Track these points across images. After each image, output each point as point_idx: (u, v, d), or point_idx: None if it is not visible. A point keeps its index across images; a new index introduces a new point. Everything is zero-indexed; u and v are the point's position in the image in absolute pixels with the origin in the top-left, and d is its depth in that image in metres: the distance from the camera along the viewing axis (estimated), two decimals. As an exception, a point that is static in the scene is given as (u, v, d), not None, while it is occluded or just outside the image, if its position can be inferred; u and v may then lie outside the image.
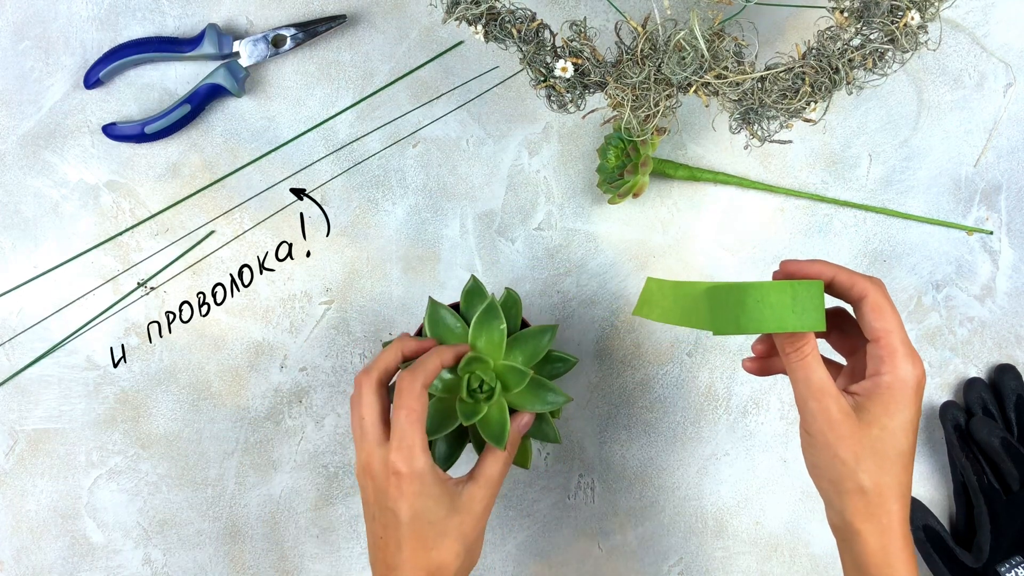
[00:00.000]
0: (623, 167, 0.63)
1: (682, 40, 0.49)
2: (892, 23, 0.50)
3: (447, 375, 0.56)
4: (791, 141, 0.56)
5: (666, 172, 0.65)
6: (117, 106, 0.66)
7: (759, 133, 0.52)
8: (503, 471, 0.53)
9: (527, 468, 0.58)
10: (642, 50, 0.50)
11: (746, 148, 0.64)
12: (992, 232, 0.67)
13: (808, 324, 0.45)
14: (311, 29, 0.64)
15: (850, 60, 0.50)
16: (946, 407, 0.66)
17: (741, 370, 0.67)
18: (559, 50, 0.52)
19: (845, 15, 0.50)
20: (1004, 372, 0.66)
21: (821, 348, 0.48)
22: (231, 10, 0.66)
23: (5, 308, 0.66)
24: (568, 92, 0.53)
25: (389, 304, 0.66)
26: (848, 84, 0.51)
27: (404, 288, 0.66)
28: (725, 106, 0.52)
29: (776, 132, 0.52)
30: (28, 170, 0.66)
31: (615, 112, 0.53)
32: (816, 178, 0.67)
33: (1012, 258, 0.67)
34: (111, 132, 0.65)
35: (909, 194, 0.67)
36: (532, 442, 0.61)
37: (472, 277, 0.57)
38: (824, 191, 0.67)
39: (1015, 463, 0.62)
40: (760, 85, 0.51)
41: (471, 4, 0.51)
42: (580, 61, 0.51)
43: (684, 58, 0.50)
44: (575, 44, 0.52)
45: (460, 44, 0.66)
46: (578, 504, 0.67)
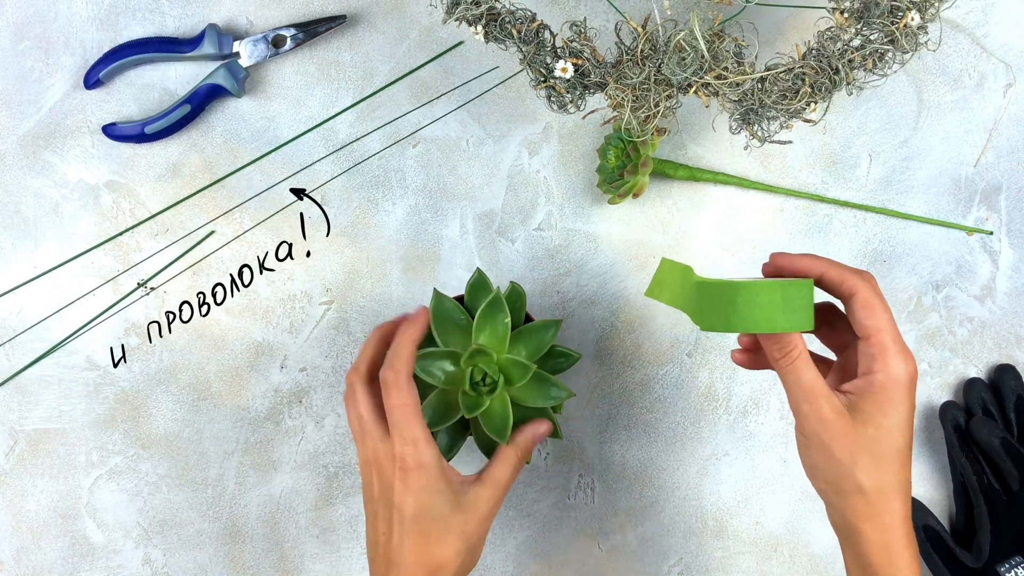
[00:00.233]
0: (623, 167, 0.63)
1: (682, 41, 0.49)
2: (892, 23, 0.50)
3: (451, 368, 0.56)
4: (791, 141, 0.57)
5: (666, 172, 0.65)
6: (117, 106, 0.66)
7: (759, 133, 0.52)
8: (512, 475, 0.52)
9: (528, 463, 0.58)
10: (642, 51, 0.50)
11: (746, 148, 0.64)
12: (992, 232, 0.67)
13: (797, 324, 0.45)
14: (311, 29, 0.64)
15: (850, 60, 0.50)
16: (946, 407, 0.66)
17: (741, 370, 0.67)
18: (559, 50, 0.52)
19: (845, 15, 0.50)
20: (1004, 372, 0.66)
21: (809, 343, 0.48)
22: (231, 10, 0.66)
23: (5, 308, 0.66)
24: (568, 92, 0.53)
25: (389, 304, 0.66)
26: (848, 84, 0.51)
27: (404, 288, 0.66)
28: (725, 106, 0.52)
29: (776, 132, 0.52)
30: (28, 170, 0.66)
31: (615, 112, 0.53)
32: (816, 178, 0.67)
33: (1012, 258, 0.67)
34: (111, 132, 0.65)
35: (909, 194, 0.67)
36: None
37: (477, 270, 0.57)
38: (824, 191, 0.67)
39: (1015, 463, 0.63)
40: (760, 86, 0.51)
41: (471, 4, 0.51)
42: (580, 61, 0.51)
43: (684, 59, 0.50)
44: (575, 44, 0.52)
45: (460, 44, 0.66)
46: (578, 504, 0.67)
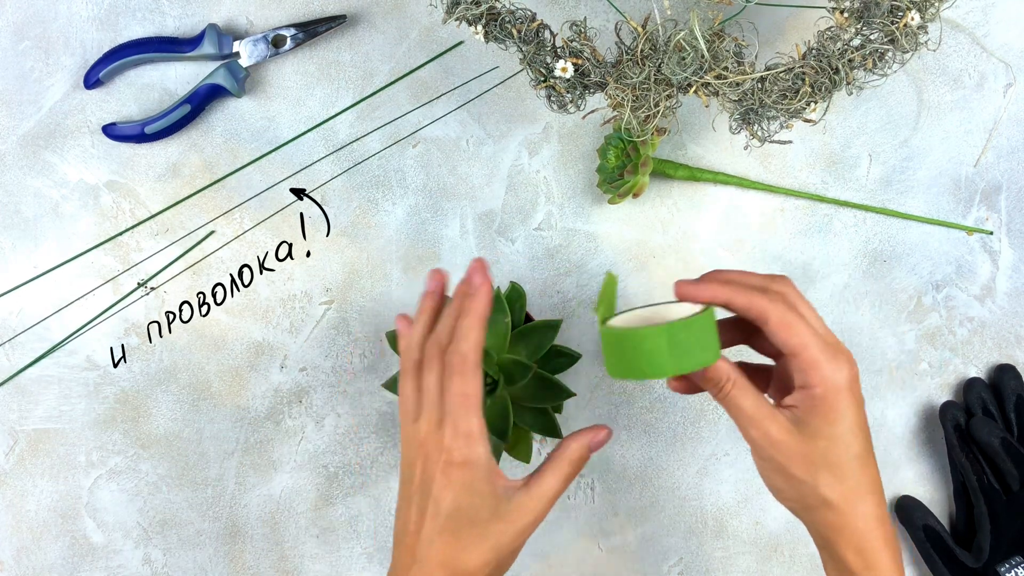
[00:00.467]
0: (623, 167, 0.63)
1: (682, 40, 0.49)
2: (892, 23, 0.50)
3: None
4: (791, 141, 0.57)
5: (666, 172, 0.65)
6: (117, 106, 0.66)
7: (759, 133, 0.52)
8: (562, 488, 0.47)
9: (527, 463, 0.58)
10: (642, 50, 0.50)
11: (746, 148, 0.64)
12: (992, 232, 0.67)
13: (691, 365, 0.43)
14: (311, 29, 0.64)
15: (850, 60, 0.50)
16: (946, 407, 0.66)
17: (741, 370, 0.67)
18: (559, 50, 0.52)
19: (845, 15, 0.50)
20: (1004, 372, 0.66)
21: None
22: (231, 10, 0.66)
23: (5, 308, 0.66)
24: (568, 92, 0.53)
25: (389, 304, 0.66)
26: (848, 84, 0.51)
27: (404, 288, 0.66)
28: (725, 106, 0.52)
29: (776, 132, 0.52)
30: (28, 170, 0.66)
31: (615, 112, 0.53)
32: (816, 178, 0.67)
33: (1012, 258, 0.67)
34: (111, 132, 0.65)
35: (909, 194, 0.67)
36: (532, 439, 0.61)
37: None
38: (824, 191, 0.67)
39: (1015, 463, 0.62)
40: (760, 85, 0.51)
41: (471, 4, 0.51)
42: (580, 61, 0.51)
43: (684, 58, 0.50)
44: (575, 44, 0.52)
45: (460, 44, 0.66)
46: (578, 504, 0.67)
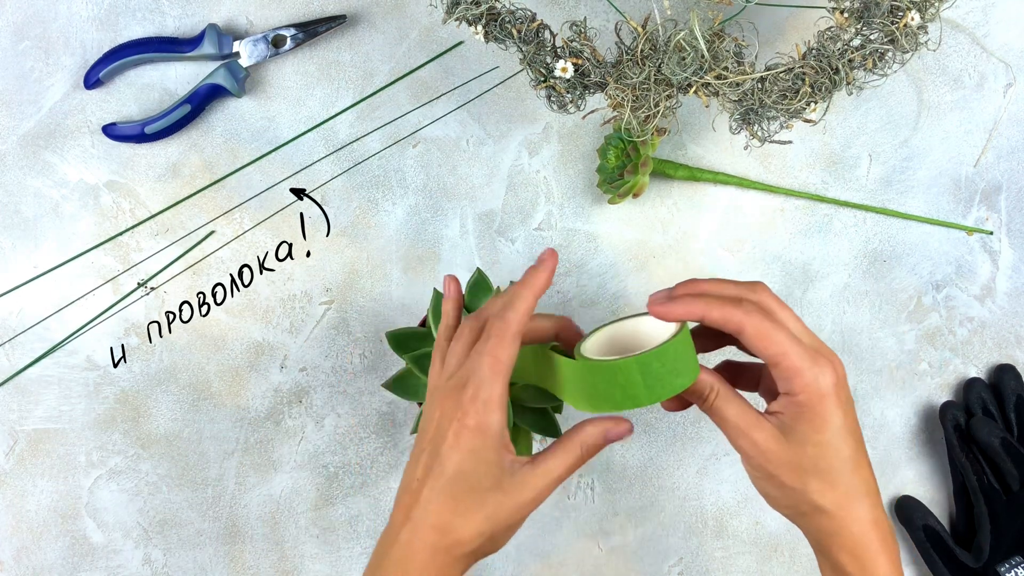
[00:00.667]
0: (623, 167, 0.63)
1: (682, 40, 0.49)
2: (892, 23, 0.50)
3: None
4: (791, 141, 0.57)
5: (666, 172, 0.65)
6: (117, 106, 0.66)
7: (759, 133, 0.52)
8: (568, 471, 0.46)
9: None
10: (642, 50, 0.50)
11: (746, 148, 0.64)
12: (992, 232, 0.67)
13: (668, 392, 0.43)
14: (311, 29, 0.64)
15: (850, 60, 0.50)
16: (946, 407, 0.66)
17: (741, 370, 0.67)
18: (559, 50, 0.52)
19: (845, 15, 0.50)
20: (1004, 372, 0.66)
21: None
22: (231, 10, 0.66)
23: (5, 308, 0.66)
24: (568, 92, 0.53)
25: (389, 304, 0.66)
26: (848, 84, 0.51)
27: (404, 288, 0.66)
28: (725, 106, 0.52)
29: (776, 132, 0.52)
30: (28, 170, 0.66)
31: (615, 112, 0.53)
32: (816, 178, 0.67)
33: (1012, 258, 0.67)
34: (111, 132, 0.65)
35: (909, 194, 0.67)
36: (532, 440, 0.61)
37: (477, 270, 0.57)
38: (824, 191, 0.67)
39: (1015, 463, 0.62)
40: (760, 85, 0.51)
41: (471, 4, 0.51)
42: (580, 61, 0.51)
43: (684, 58, 0.50)
44: (575, 44, 0.52)
45: (460, 44, 0.66)
46: (578, 504, 0.67)
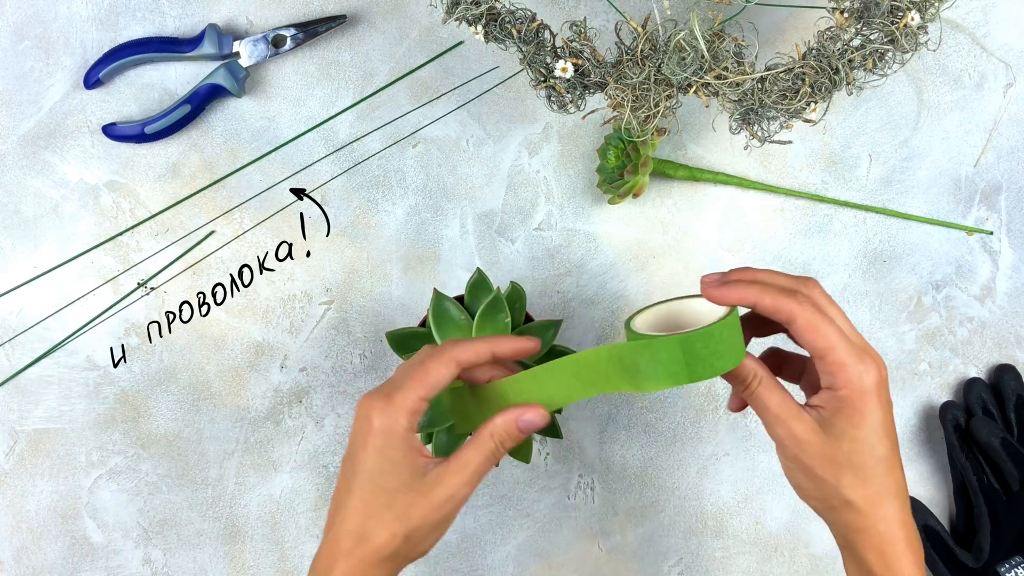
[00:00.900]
0: (623, 167, 0.63)
1: (682, 40, 0.49)
2: (892, 23, 0.50)
3: None
4: (791, 141, 0.57)
5: (666, 172, 0.65)
6: (117, 106, 0.66)
7: (759, 133, 0.52)
8: (484, 463, 0.45)
9: (527, 463, 0.58)
10: (642, 50, 0.50)
11: (746, 148, 0.64)
12: (992, 232, 0.67)
13: (708, 372, 0.43)
14: (311, 29, 0.64)
15: (850, 60, 0.50)
16: (946, 407, 0.66)
17: (741, 370, 0.67)
18: (559, 50, 0.52)
19: (845, 15, 0.50)
20: (1004, 372, 0.66)
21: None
22: (231, 10, 0.66)
23: (5, 308, 0.66)
24: (568, 92, 0.53)
25: (389, 304, 0.66)
26: (848, 84, 0.51)
27: (404, 288, 0.66)
28: (725, 106, 0.52)
29: (776, 132, 0.52)
30: (28, 170, 0.66)
31: (615, 112, 0.53)
32: (816, 178, 0.67)
33: (1012, 258, 0.67)
34: (111, 132, 0.65)
35: (909, 194, 0.67)
36: (532, 441, 0.61)
37: (477, 270, 0.57)
38: (824, 191, 0.67)
39: (1015, 463, 0.62)
40: (760, 85, 0.51)
41: (471, 4, 0.51)
42: (580, 61, 0.51)
43: (684, 58, 0.50)
44: (575, 44, 0.52)
45: (460, 44, 0.66)
46: (578, 504, 0.67)
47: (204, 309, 0.66)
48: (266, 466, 0.67)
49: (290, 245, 0.66)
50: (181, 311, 0.66)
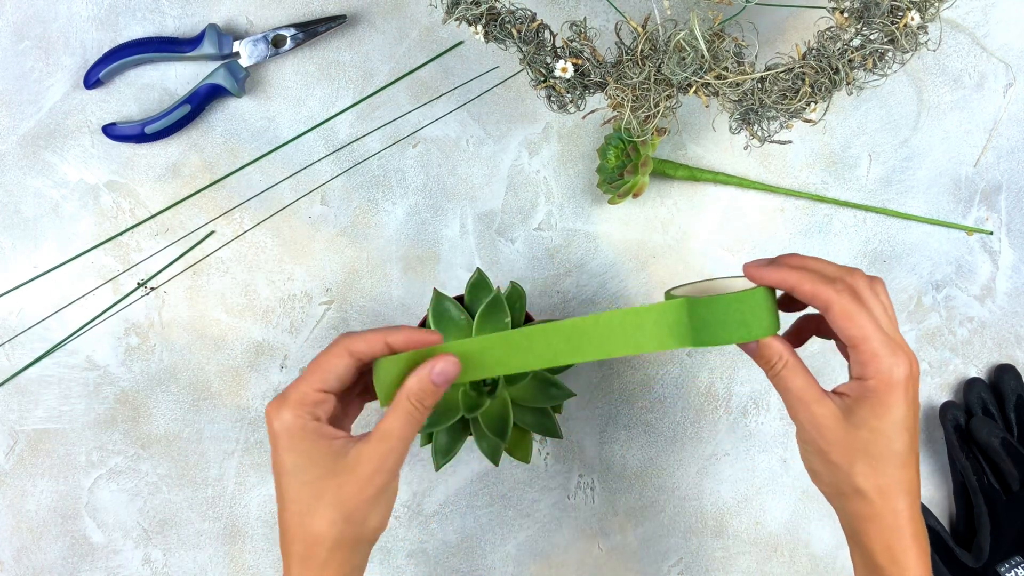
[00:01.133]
0: (623, 167, 0.63)
1: (682, 40, 0.49)
2: (892, 23, 0.50)
3: None
4: (791, 141, 0.56)
5: (666, 172, 0.65)
6: (117, 106, 0.66)
7: (759, 133, 0.52)
8: (405, 427, 0.45)
9: (527, 463, 0.58)
10: (642, 50, 0.50)
11: (746, 148, 0.64)
12: (992, 232, 0.67)
13: (712, 340, 0.44)
14: (311, 29, 0.64)
15: (850, 60, 0.50)
16: (946, 407, 0.66)
17: (741, 370, 0.67)
18: (559, 50, 0.52)
19: (845, 15, 0.50)
20: (1004, 372, 0.66)
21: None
22: (231, 10, 0.66)
23: (5, 308, 0.66)
24: (568, 92, 0.53)
25: (389, 304, 0.66)
26: (848, 84, 0.51)
27: (404, 288, 0.66)
28: (725, 106, 0.52)
29: (776, 132, 0.52)
30: (28, 170, 0.66)
31: (615, 112, 0.53)
32: (816, 178, 0.67)
33: (1012, 258, 0.67)
34: (111, 132, 0.65)
35: (909, 194, 0.67)
36: (532, 441, 0.61)
37: (477, 270, 0.57)
38: (824, 191, 0.67)
39: (1015, 463, 0.62)
40: (760, 85, 0.51)
41: (471, 4, 0.51)
42: (580, 61, 0.51)
43: (684, 58, 0.50)
44: (575, 44, 0.52)
45: (460, 44, 0.66)
46: (578, 504, 0.67)
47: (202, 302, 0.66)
48: (266, 466, 0.67)
49: (290, 245, 0.66)
50: (181, 311, 0.66)
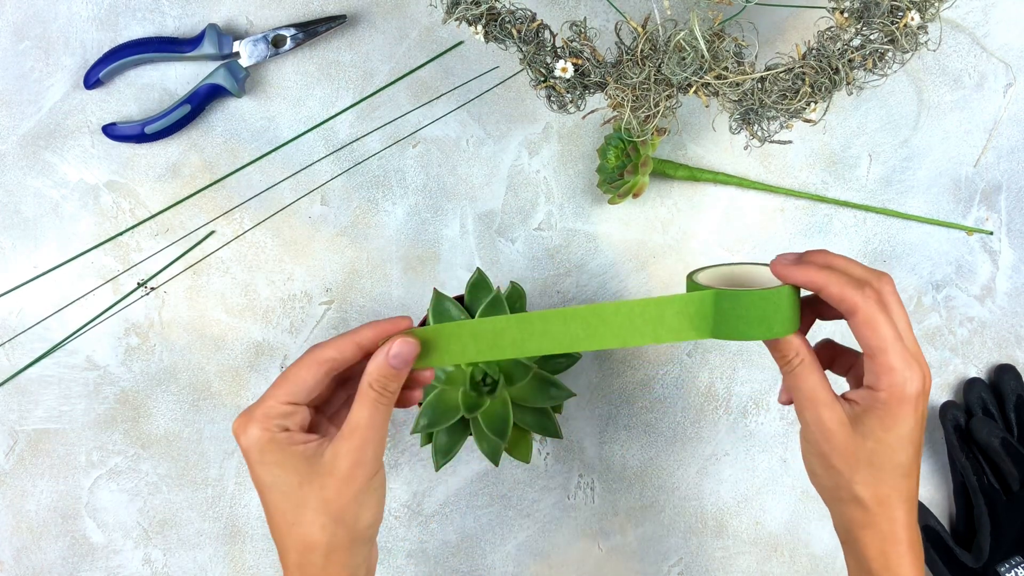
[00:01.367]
0: (623, 167, 0.63)
1: (682, 40, 0.49)
2: (892, 23, 0.50)
3: (451, 368, 0.56)
4: (791, 141, 0.56)
5: (666, 172, 0.65)
6: (117, 106, 0.66)
7: (759, 133, 0.52)
8: (372, 415, 0.44)
9: (527, 462, 0.58)
10: (642, 50, 0.50)
11: (746, 148, 0.64)
12: (992, 232, 0.67)
13: (733, 334, 0.44)
14: (311, 29, 0.64)
15: (850, 60, 0.50)
16: (946, 407, 0.66)
17: (741, 370, 0.67)
18: (559, 50, 0.52)
19: (845, 15, 0.50)
20: (1004, 372, 0.66)
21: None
22: (231, 10, 0.66)
23: (5, 308, 0.66)
24: (568, 92, 0.53)
25: (389, 304, 0.66)
26: (848, 84, 0.51)
27: (404, 288, 0.66)
28: (725, 106, 0.52)
29: (776, 132, 0.52)
30: (28, 170, 0.66)
31: (615, 112, 0.53)
32: (816, 178, 0.67)
33: (1012, 258, 0.67)
34: (111, 132, 0.65)
35: (909, 194, 0.67)
36: (532, 440, 0.61)
37: (477, 270, 0.57)
38: (824, 191, 0.67)
39: (1015, 463, 0.62)
40: (760, 85, 0.51)
41: (471, 4, 0.50)
42: (580, 61, 0.51)
43: (684, 58, 0.50)
44: (575, 44, 0.51)
45: (460, 44, 0.66)
46: (578, 504, 0.67)
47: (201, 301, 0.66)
48: (266, 466, 0.67)
49: (289, 245, 0.66)
50: (181, 311, 0.66)
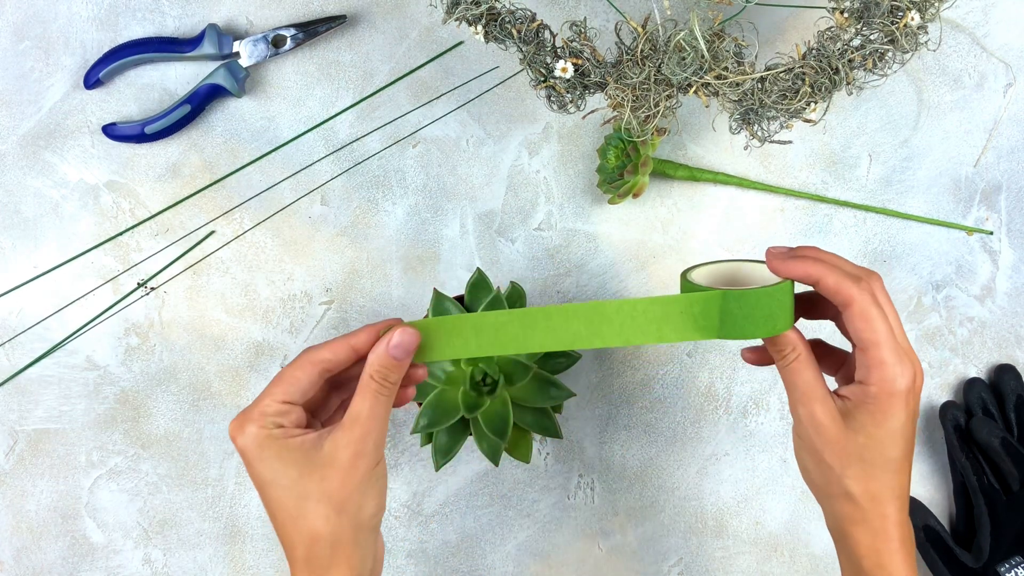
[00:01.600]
0: (623, 167, 0.63)
1: (682, 40, 0.49)
2: (892, 23, 0.50)
3: (451, 367, 0.56)
4: (791, 141, 0.56)
5: (666, 172, 0.65)
6: (117, 106, 0.66)
7: (759, 133, 0.52)
8: (374, 407, 0.44)
9: (527, 462, 0.58)
10: (642, 50, 0.50)
11: (746, 148, 0.64)
12: (992, 232, 0.67)
13: (736, 333, 0.44)
14: (311, 29, 0.64)
15: (850, 60, 0.50)
16: (946, 407, 0.66)
17: (741, 370, 0.67)
18: (559, 50, 0.52)
19: (845, 15, 0.50)
20: (1004, 372, 0.66)
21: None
22: (231, 10, 0.66)
23: (5, 308, 0.66)
24: (568, 92, 0.53)
25: (389, 304, 0.66)
26: (848, 84, 0.51)
27: (404, 288, 0.66)
28: (725, 106, 0.52)
29: (776, 132, 0.52)
30: (28, 170, 0.66)
31: (615, 112, 0.53)
32: (816, 178, 0.67)
33: (1012, 258, 0.67)
34: (111, 132, 0.65)
35: (909, 194, 0.67)
36: (532, 440, 0.61)
37: (477, 270, 0.57)
38: (824, 191, 0.67)
39: (1015, 463, 0.62)
40: (760, 85, 0.51)
41: (471, 4, 0.50)
42: (580, 61, 0.51)
43: (684, 58, 0.50)
44: (575, 44, 0.51)
45: (460, 44, 0.66)
46: (578, 504, 0.67)
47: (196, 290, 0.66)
48: (266, 466, 0.67)
49: (289, 244, 0.66)
50: (181, 311, 0.66)
